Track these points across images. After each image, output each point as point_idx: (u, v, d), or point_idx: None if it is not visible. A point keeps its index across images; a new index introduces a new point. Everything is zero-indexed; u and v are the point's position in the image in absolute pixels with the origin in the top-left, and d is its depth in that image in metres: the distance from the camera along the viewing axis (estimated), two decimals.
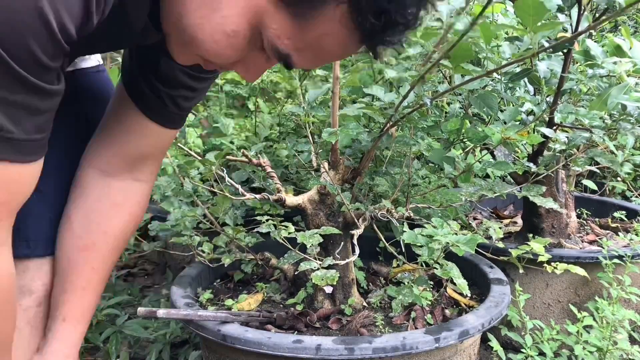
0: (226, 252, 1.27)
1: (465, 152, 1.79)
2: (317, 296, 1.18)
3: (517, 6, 0.81)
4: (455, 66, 0.94)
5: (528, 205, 1.54)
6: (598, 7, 1.32)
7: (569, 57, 1.27)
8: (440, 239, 1.02)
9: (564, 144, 1.26)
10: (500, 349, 1.17)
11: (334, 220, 1.16)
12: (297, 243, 1.00)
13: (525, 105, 1.33)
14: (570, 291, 1.41)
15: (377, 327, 1.11)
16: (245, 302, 1.21)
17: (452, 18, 0.87)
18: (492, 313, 1.05)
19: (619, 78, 1.25)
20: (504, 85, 1.28)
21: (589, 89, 1.49)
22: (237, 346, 0.96)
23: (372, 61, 1.24)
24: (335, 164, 1.18)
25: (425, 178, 1.54)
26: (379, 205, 1.14)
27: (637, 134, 1.27)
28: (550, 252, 1.33)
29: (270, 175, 1.18)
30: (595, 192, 2.11)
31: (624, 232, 1.59)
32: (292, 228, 1.03)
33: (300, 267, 0.97)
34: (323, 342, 0.93)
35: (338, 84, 1.12)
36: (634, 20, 2.73)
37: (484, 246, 1.18)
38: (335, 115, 1.14)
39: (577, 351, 1.18)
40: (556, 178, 1.48)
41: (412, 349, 0.93)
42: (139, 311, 1.01)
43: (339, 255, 1.15)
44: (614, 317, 1.21)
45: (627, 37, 1.31)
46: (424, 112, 1.26)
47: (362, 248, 1.07)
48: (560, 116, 1.23)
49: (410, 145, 1.21)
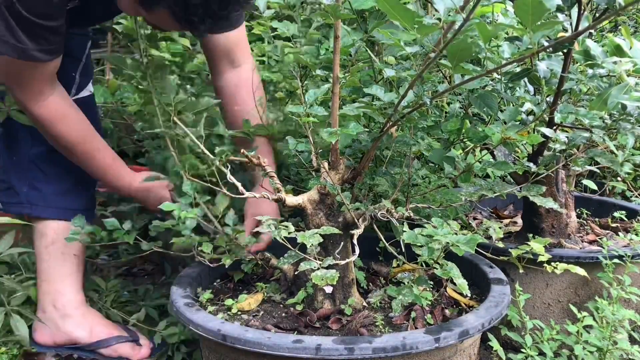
0: (226, 252, 1.27)
1: (465, 152, 1.79)
2: (317, 296, 1.18)
3: (517, 5, 0.81)
4: (454, 65, 0.94)
5: (528, 205, 1.54)
6: (598, 7, 1.32)
7: (569, 57, 1.27)
8: (440, 239, 1.01)
9: (564, 144, 1.26)
10: (500, 348, 1.17)
11: (334, 220, 1.16)
12: (297, 243, 1.00)
13: (525, 105, 1.33)
14: (570, 291, 1.41)
15: (377, 327, 1.11)
16: (245, 302, 1.21)
17: (450, 16, 0.87)
18: (492, 313, 1.05)
19: (619, 78, 1.25)
20: (504, 85, 1.28)
21: (589, 89, 1.49)
22: (237, 346, 0.96)
23: (372, 61, 1.24)
24: (335, 164, 1.18)
25: (425, 178, 1.54)
26: (379, 205, 1.14)
27: (637, 134, 1.27)
28: (550, 252, 1.33)
29: (270, 175, 1.18)
30: (595, 192, 2.11)
31: (624, 232, 1.59)
32: (292, 228, 1.03)
33: (300, 267, 0.97)
34: (323, 342, 0.93)
35: (338, 84, 1.12)
36: (634, 20, 2.73)
37: (484, 246, 1.18)
38: (335, 115, 1.14)
39: (577, 351, 1.18)
40: (556, 178, 1.48)
41: (412, 349, 0.93)
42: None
43: (339, 255, 1.15)
44: (614, 317, 1.21)
45: (627, 37, 1.31)
46: (424, 112, 1.26)
47: (362, 248, 1.07)
48: (560, 116, 1.23)
49: (410, 145, 1.21)
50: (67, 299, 1.44)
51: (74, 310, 1.45)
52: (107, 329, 1.45)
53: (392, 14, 0.87)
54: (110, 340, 1.43)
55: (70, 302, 1.44)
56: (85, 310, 1.47)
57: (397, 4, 0.86)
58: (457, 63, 0.94)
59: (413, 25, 0.87)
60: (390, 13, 0.87)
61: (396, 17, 0.87)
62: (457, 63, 0.94)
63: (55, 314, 1.44)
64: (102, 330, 1.44)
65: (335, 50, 1.09)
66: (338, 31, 1.09)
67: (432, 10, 1.75)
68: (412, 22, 0.87)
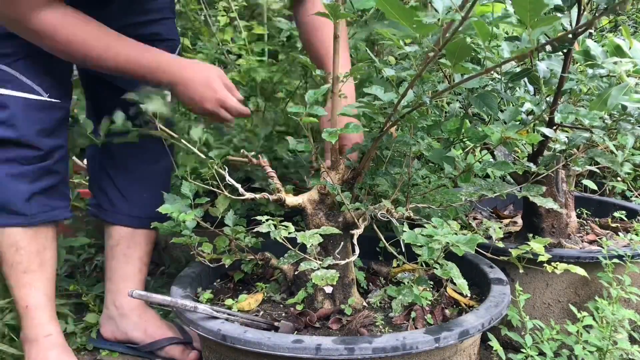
0: (226, 252, 1.27)
1: (465, 152, 1.79)
2: (317, 296, 1.18)
3: (515, 2, 0.81)
4: (454, 64, 0.94)
5: (528, 205, 1.53)
6: (598, 7, 1.32)
7: (569, 57, 1.27)
8: (440, 238, 1.01)
9: (564, 144, 1.26)
10: (500, 348, 1.17)
11: (334, 220, 1.16)
12: (297, 243, 1.00)
13: (525, 105, 1.33)
14: (570, 291, 1.41)
15: (377, 327, 1.11)
16: (245, 302, 1.21)
17: (449, 15, 0.87)
18: (492, 313, 1.05)
19: (619, 78, 1.25)
20: (504, 85, 1.28)
21: (589, 89, 1.49)
22: (237, 346, 0.96)
23: (372, 61, 1.24)
24: (335, 164, 1.18)
25: (425, 178, 1.54)
26: (379, 205, 1.14)
27: (637, 134, 1.27)
28: (550, 252, 1.33)
29: (270, 175, 1.18)
30: (595, 192, 2.11)
31: (624, 232, 1.59)
32: (292, 228, 1.03)
33: (300, 267, 0.97)
34: (323, 342, 0.93)
35: (338, 83, 1.12)
36: (634, 20, 2.73)
37: (484, 246, 1.18)
38: (335, 115, 1.14)
39: (577, 351, 1.18)
40: (556, 178, 1.48)
41: (412, 349, 0.93)
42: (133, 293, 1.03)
43: (339, 255, 1.15)
44: (614, 317, 1.21)
45: (627, 37, 1.31)
46: (423, 112, 1.26)
47: (362, 248, 1.07)
48: (560, 116, 1.23)
49: (410, 145, 1.21)
50: (125, 299, 1.48)
51: (131, 311, 1.49)
52: (161, 330, 1.47)
53: (391, 13, 0.87)
54: (162, 342, 1.45)
55: (128, 303, 1.48)
56: (143, 311, 1.50)
57: (395, 4, 0.86)
58: (457, 62, 0.94)
59: (412, 24, 0.87)
60: (389, 12, 0.87)
61: (395, 16, 0.87)
62: (456, 62, 0.94)
63: (115, 312, 1.50)
64: (155, 331, 1.47)
65: (335, 50, 1.09)
66: (338, 31, 1.08)
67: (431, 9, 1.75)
68: (411, 22, 0.87)
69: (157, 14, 1.43)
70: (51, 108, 1.27)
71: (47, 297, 1.32)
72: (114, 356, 1.49)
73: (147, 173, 1.49)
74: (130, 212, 1.50)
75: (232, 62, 1.94)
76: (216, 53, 1.92)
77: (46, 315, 1.32)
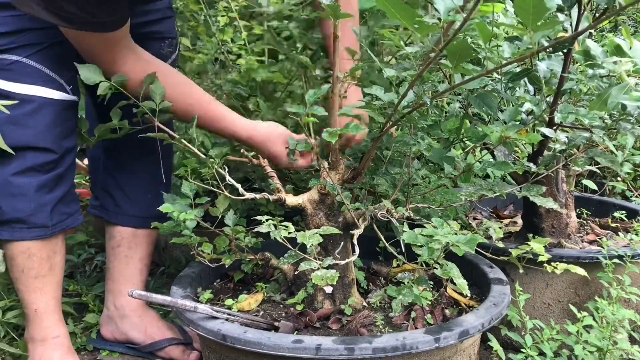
0: (226, 252, 1.27)
1: (465, 152, 1.79)
2: (317, 296, 1.18)
3: (517, 5, 0.81)
4: (455, 65, 0.94)
5: (528, 205, 1.53)
6: (598, 7, 1.32)
7: (569, 57, 1.27)
8: (440, 238, 1.01)
9: (564, 144, 1.26)
10: (500, 348, 1.17)
11: (334, 220, 1.16)
12: (297, 243, 1.00)
13: (525, 105, 1.33)
14: (570, 291, 1.41)
15: (377, 327, 1.11)
16: (245, 302, 1.21)
17: (450, 16, 0.87)
18: (492, 313, 1.05)
19: (619, 78, 1.25)
20: (504, 85, 1.28)
21: (589, 89, 1.49)
22: (237, 346, 0.96)
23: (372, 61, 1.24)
24: (335, 164, 1.18)
25: (425, 178, 1.54)
26: (379, 205, 1.14)
27: (637, 134, 1.27)
28: (550, 252, 1.33)
29: (270, 175, 1.18)
30: (595, 192, 2.11)
31: (624, 232, 1.59)
32: (292, 228, 1.03)
33: (300, 267, 0.97)
34: (323, 342, 0.93)
35: (338, 83, 1.12)
36: (634, 20, 2.73)
37: (484, 246, 1.18)
38: (335, 115, 1.14)
39: (577, 351, 1.18)
40: (556, 178, 1.48)
41: (412, 349, 0.93)
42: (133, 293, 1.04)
43: (339, 255, 1.15)
44: (614, 317, 1.21)
45: (627, 37, 1.31)
46: (424, 112, 1.26)
47: (362, 248, 1.06)
48: (560, 116, 1.23)
49: (410, 145, 1.21)
50: (125, 300, 1.48)
51: (131, 312, 1.49)
52: (161, 331, 1.48)
53: (392, 13, 0.87)
54: (162, 342, 1.45)
55: (128, 303, 1.49)
56: (143, 312, 1.50)
57: (396, 3, 0.85)
58: (458, 63, 0.94)
59: (413, 24, 0.87)
60: (390, 12, 0.87)
61: (396, 16, 0.87)
62: (457, 63, 0.94)
63: (115, 313, 1.50)
64: (155, 332, 1.47)
65: (335, 50, 1.09)
66: (338, 31, 1.08)
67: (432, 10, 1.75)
68: (412, 22, 0.87)
69: (158, 13, 1.44)
70: (72, 107, 1.26)
71: (56, 300, 1.32)
72: (114, 356, 1.49)
73: (151, 174, 1.49)
74: (134, 213, 1.50)
75: (231, 64, 1.94)
76: (216, 53, 1.92)
77: (55, 318, 1.32)
